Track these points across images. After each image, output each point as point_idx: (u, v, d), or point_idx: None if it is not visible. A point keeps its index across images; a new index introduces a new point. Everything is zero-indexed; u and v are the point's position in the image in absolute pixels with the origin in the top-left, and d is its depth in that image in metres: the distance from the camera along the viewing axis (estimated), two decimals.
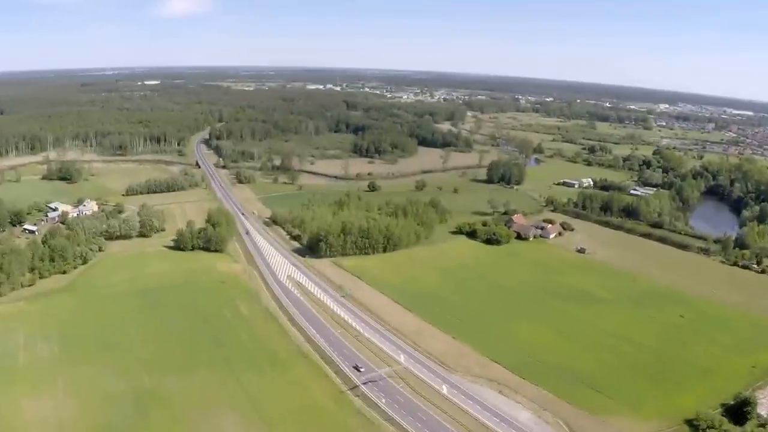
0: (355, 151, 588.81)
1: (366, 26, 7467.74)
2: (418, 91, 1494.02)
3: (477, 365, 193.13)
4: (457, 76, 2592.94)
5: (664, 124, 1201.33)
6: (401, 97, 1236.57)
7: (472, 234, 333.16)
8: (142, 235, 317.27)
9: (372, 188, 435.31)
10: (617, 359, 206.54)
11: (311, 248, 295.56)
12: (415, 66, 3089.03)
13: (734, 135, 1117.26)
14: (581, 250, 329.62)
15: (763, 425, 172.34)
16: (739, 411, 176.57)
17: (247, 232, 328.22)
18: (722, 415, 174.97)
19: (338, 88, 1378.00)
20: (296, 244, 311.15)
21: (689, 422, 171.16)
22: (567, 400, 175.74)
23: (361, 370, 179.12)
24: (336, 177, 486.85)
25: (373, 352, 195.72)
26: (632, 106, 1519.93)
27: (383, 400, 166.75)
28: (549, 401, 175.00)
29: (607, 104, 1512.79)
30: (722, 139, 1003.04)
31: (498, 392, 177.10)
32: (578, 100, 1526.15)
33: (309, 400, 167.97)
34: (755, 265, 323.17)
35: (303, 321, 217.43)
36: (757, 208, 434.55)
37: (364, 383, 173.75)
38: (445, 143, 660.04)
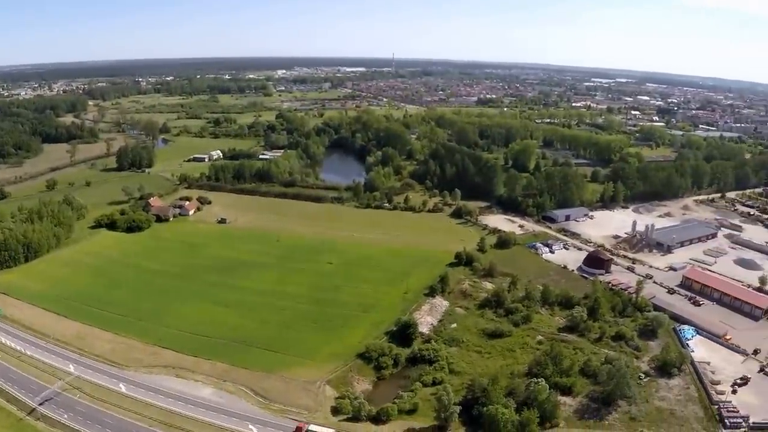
0: None
1: None
2: (36, 85, 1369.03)
3: (148, 356, 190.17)
4: (75, 65, 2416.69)
5: (283, 89, 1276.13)
6: (19, 94, 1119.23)
7: (112, 225, 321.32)
8: None
9: (1, 196, 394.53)
10: (280, 316, 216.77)
11: None
12: (32, 59, 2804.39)
13: (350, 90, 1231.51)
14: (222, 221, 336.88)
15: (428, 340, 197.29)
16: (403, 334, 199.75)
17: None
18: (390, 342, 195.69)
19: None
20: None
21: (362, 355, 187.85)
22: (243, 366, 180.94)
23: None
24: None
25: (41, 369, 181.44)
26: (251, 76, 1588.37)
27: (65, 416, 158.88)
28: (226, 372, 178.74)
29: (227, 76, 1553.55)
30: (339, 96, 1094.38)
31: (176, 377, 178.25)
32: (198, 76, 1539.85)
33: None
34: (387, 204, 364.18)
35: None
36: (379, 153, 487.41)
37: (41, 404, 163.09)
38: (70, 137, 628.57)
